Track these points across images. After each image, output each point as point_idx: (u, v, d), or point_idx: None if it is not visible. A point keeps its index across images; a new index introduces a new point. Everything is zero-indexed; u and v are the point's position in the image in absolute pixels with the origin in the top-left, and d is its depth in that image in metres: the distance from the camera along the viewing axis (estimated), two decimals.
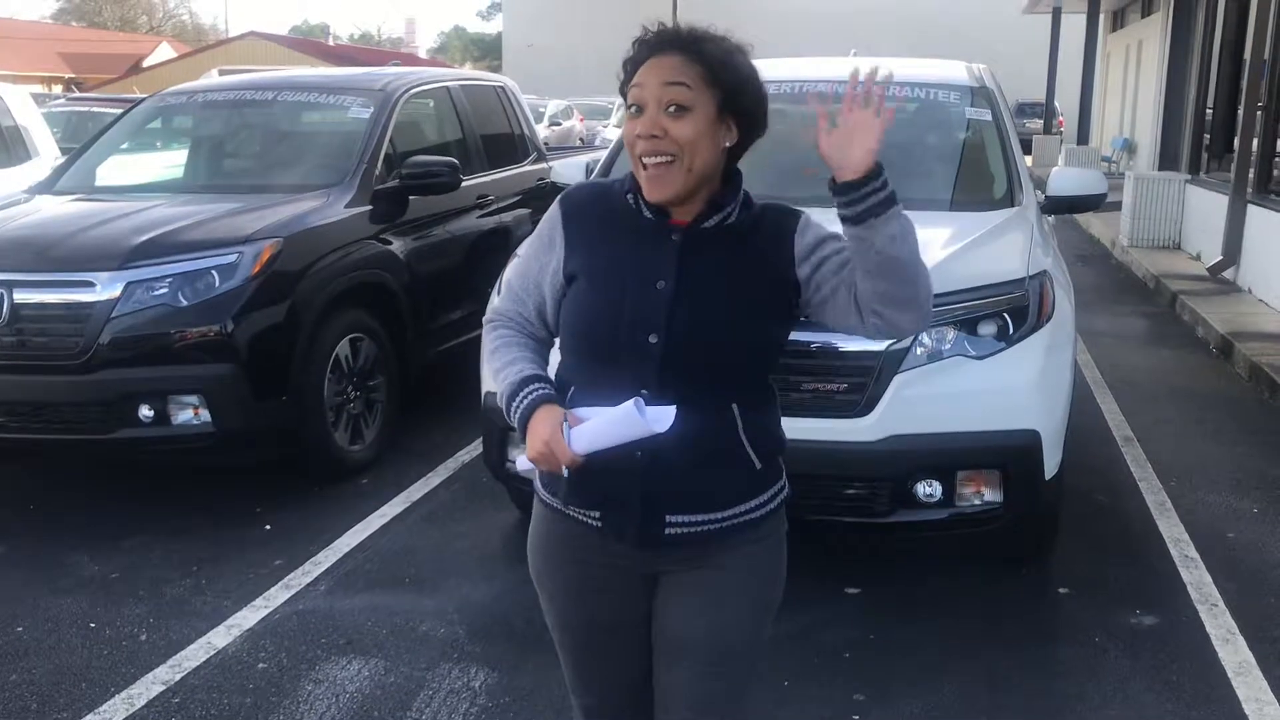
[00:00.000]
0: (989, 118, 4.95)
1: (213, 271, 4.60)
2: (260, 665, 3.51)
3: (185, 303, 4.53)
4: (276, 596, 3.97)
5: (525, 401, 1.87)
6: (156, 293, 4.52)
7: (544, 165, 7.01)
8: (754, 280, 1.87)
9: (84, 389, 4.46)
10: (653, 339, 1.83)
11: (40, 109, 13.22)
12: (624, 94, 1.87)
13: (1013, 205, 4.53)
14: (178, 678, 3.43)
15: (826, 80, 5.30)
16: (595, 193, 1.99)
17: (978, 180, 4.86)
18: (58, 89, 39.49)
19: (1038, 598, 4.00)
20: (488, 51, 62.83)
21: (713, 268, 1.86)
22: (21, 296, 4.49)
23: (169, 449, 4.64)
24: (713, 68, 1.80)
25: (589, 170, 5.15)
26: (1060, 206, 4.80)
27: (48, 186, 5.86)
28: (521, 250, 2.06)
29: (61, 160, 6.85)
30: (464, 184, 5.87)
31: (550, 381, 1.92)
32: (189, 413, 4.55)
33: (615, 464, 1.81)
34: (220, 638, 3.68)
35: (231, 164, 6.22)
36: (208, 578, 4.13)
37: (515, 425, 1.88)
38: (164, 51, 50.74)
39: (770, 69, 5.86)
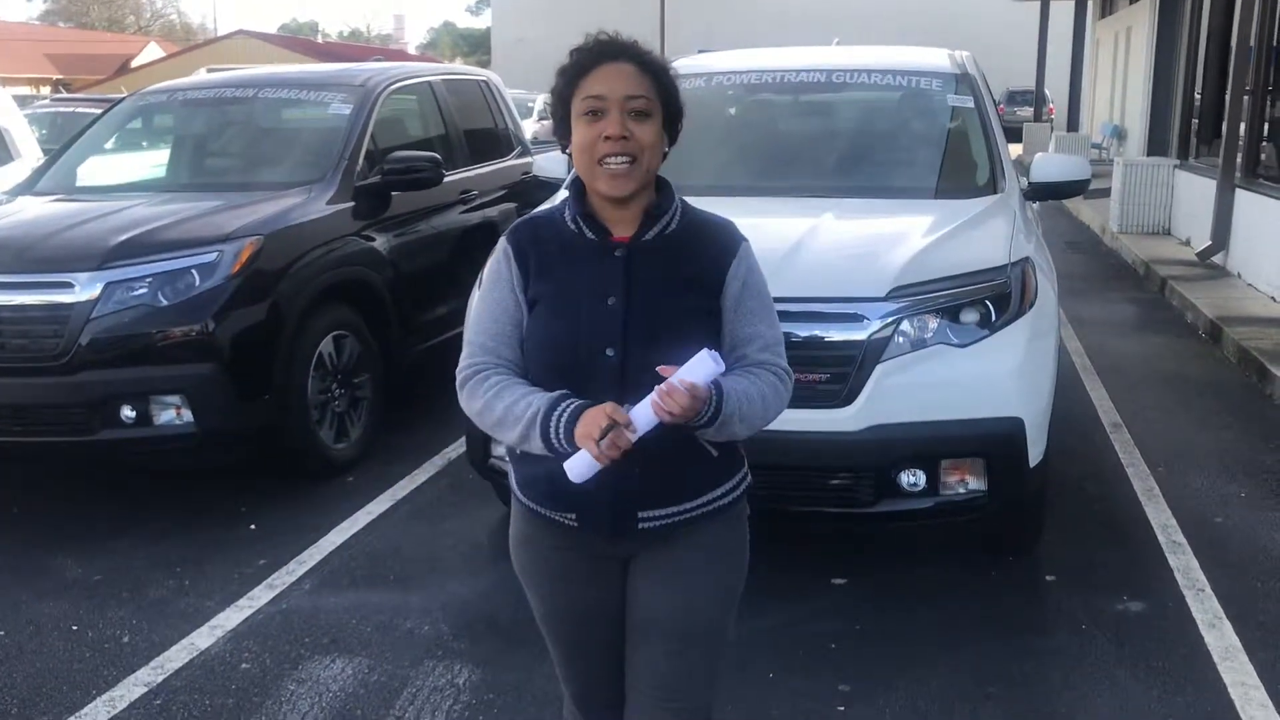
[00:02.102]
0: (971, 105, 4.93)
1: (193, 270, 4.57)
2: (243, 666, 3.49)
3: (166, 302, 4.51)
4: (260, 596, 3.95)
5: (566, 413, 1.85)
6: (136, 293, 4.49)
7: (528, 159, 6.98)
8: (697, 286, 1.97)
9: (65, 391, 4.43)
10: (610, 352, 1.92)
11: (25, 110, 13.18)
12: (563, 99, 1.94)
13: (995, 192, 4.51)
14: (160, 679, 3.41)
15: (809, 69, 5.30)
16: (538, 223, 2.06)
17: (960, 167, 4.84)
18: (45, 90, 39.36)
19: (1025, 585, 3.99)
20: (477, 46, 62.74)
21: (658, 278, 1.95)
22: (1, 298, 4.46)
23: (152, 450, 4.61)
24: (659, 79, 1.94)
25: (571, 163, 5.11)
26: (1043, 193, 4.78)
27: (28, 187, 5.83)
28: (476, 303, 2.12)
29: (43, 161, 6.81)
30: (447, 179, 5.85)
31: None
32: (171, 413, 4.52)
33: (584, 476, 1.86)
34: (203, 639, 3.66)
35: (212, 162, 6.19)
36: (191, 578, 4.10)
37: (558, 440, 1.85)
38: (152, 51, 50.56)
39: (754, 59, 5.88)
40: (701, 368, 1.79)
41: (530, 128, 21.34)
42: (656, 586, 2.05)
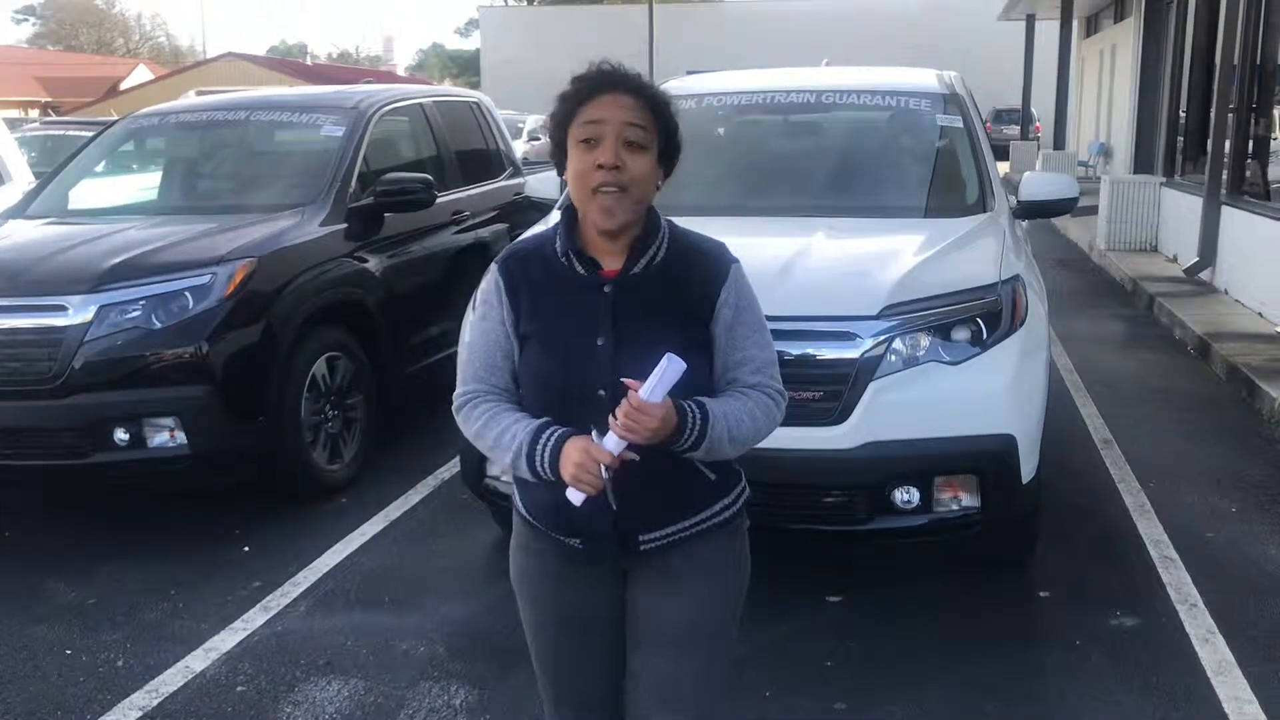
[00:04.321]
0: (960, 124, 4.98)
1: (186, 293, 4.57)
2: (239, 688, 3.48)
3: (159, 325, 4.51)
4: (255, 619, 3.94)
5: (550, 441, 1.91)
6: (130, 315, 4.50)
7: (520, 180, 7.01)
8: (683, 318, 1.97)
9: (58, 414, 4.43)
10: (601, 393, 1.92)
11: (15, 133, 13.16)
12: (561, 126, 1.95)
13: (985, 211, 4.55)
14: (155, 703, 3.40)
15: (799, 90, 5.34)
16: (529, 253, 2.06)
17: (949, 186, 4.88)
18: (35, 113, 39.33)
19: (1018, 601, 4.00)
20: (466, 68, 62.95)
21: (644, 315, 1.96)
22: None
23: (145, 472, 4.61)
24: (658, 112, 1.95)
25: (563, 185, 5.13)
26: (1032, 211, 4.82)
27: (20, 211, 5.83)
28: (468, 332, 2.14)
29: (34, 184, 6.80)
30: (439, 200, 5.86)
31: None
32: (165, 435, 4.52)
33: (591, 501, 1.89)
34: (198, 661, 3.65)
35: (205, 185, 6.20)
36: (185, 601, 4.09)
37: (544, 471, 1.91)
38: (141, 74, 50.56)
39: (744, 80, 5.91)
40: (664, 378, 1.80)
41: (520, 148, 21.41)
42: (655, 597, 2.08)
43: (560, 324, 1.98)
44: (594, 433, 1.87)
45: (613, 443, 1.83)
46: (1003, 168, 16.82)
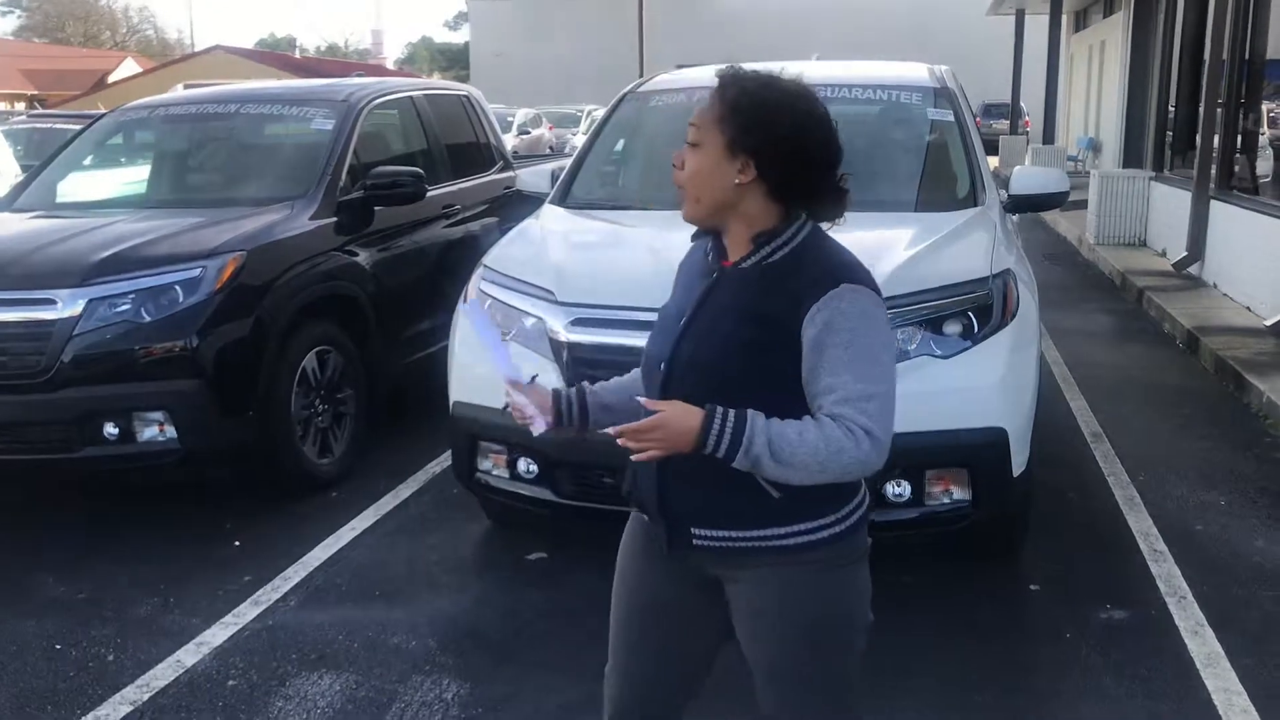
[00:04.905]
0: (951, 118, 4.98)
1: (176, 286, 4.56)
2: (230, 683, 3.47)
3: (149, 318, 4.49)
4: (246, 613, 3.93)
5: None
6: (119, 309, 4.48)
7: (510, 174, 7.00)
8: (764, 322, 1.91)
9: (47, 408, 4.41)
10: (661, 367, 1.99)
11: (1, 126, 13.10)
12: None
13: (975, 205, 4.56)
14: (146, 698, 3.39)
15: None
16: (699, 241, 2.10)
17: (940, 181, 4.88)
18: (21, 106, 39.13)
19: (1008, 595, 4.01)
20: (455, 61, 62.78)
21: (726, 306, 1.95)
22: None
23: (135, 467, 4.60)
24: (729, 108, 1.90)
25: (554, 178, 5.14)
26: (1023, 205, 4.83)
27: (7, 204, 5.80)
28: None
29: (22, 177, 6.77)
30: (429, 194, 5.85)
31: (575, 391, 2.19)
32: (154, 429, 4.51)
33: (640, 476, 2.01)
34: (189, 656, 3.64)
35: (194, 178, 6.18)
36: (176, 596, 4.08)
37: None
38: (129, 67, 50.33)
39: None
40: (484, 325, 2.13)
41: (510, 142, 21.38)
42: (738, 620, 2.06)
43: (676, 299, 2.07)
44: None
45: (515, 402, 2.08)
46: (992, 162, 16.80)
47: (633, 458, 1.87)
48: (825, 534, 1.97)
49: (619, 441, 1.84)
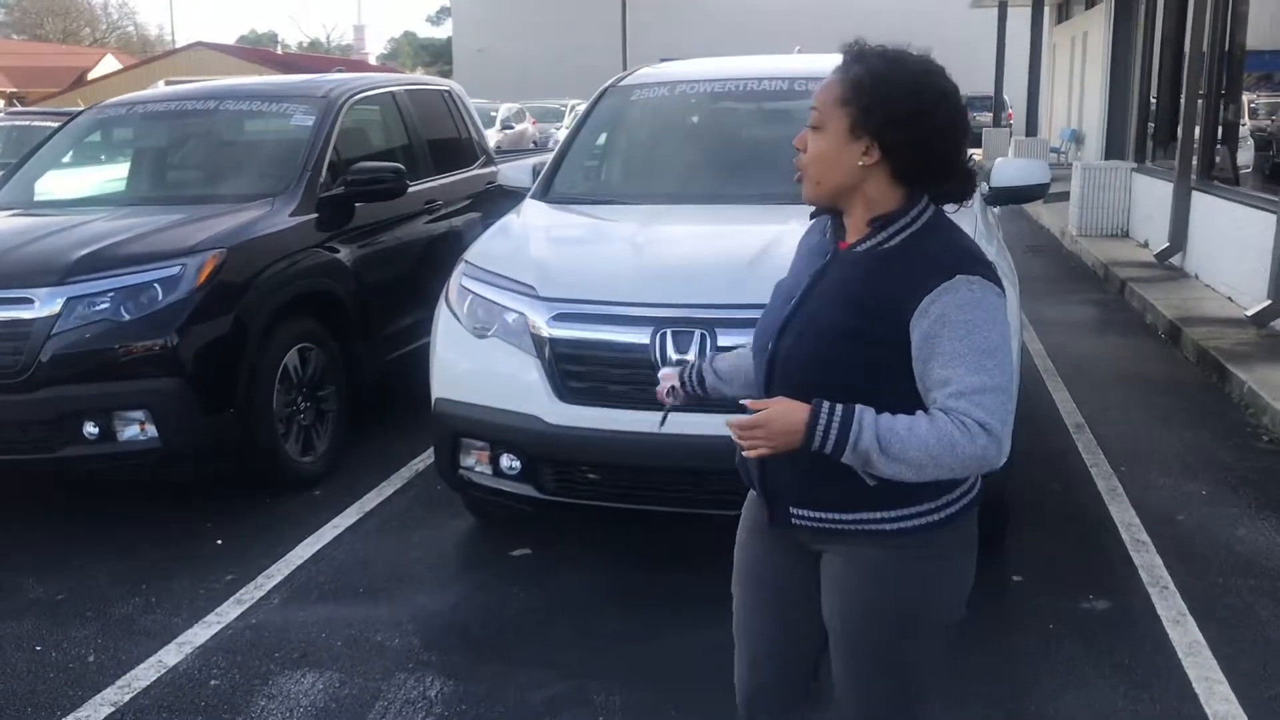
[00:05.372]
0: None
1: (156, 285, 4.53)
2: (213, 682, 3.45)
3: (128, 317, 4.46)
4: (228, 612, 3.91)
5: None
6: (98, 308, 4.45)
7: (493, 169, 6.97)
8: (873, 311, 1.86)
9: (26, 408, 4.38)
10: (769, 345, 1.98)
11: None
12: None
13: None
14: (127, 698, 3.37)
15: (772, 77, 5.32)
16: (819, 221, 2.09)
17: None
18: (1, 104, 38.80)
19: (991, 586, 4.00)
20: (438, 57, 62.58)
21: (836, 290, 1.92)
22: None
23: (116, 466, 4.57)
24: (851, 89, 1.85)
25: (535, 173, 5.12)
26: (1004, 197, 4.84)
27: None
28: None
29: None
30: (411, 189, 5.83)
31: (702, 368, 2.31)
32: (135, 428, 4.48)
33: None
34: (171, 656, 3.62)
35: (173, 175, 6.14)
36: (157, 595, 4.06)
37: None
38: (109, 64, 49.99)
39: (718, 67, 5.89)
40: None
41: (493, 137, 21.32)
42: (826, 592, 2.05)
43: (791, 278, 2.06)
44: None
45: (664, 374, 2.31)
46: (975, 154, 16.71)
47: (744, 454, 1.85)
48: (921, 521, 1.93)
49: (733, 435, 1.85)
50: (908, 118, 1.83)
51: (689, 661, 3.48)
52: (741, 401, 1.89)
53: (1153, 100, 12.80)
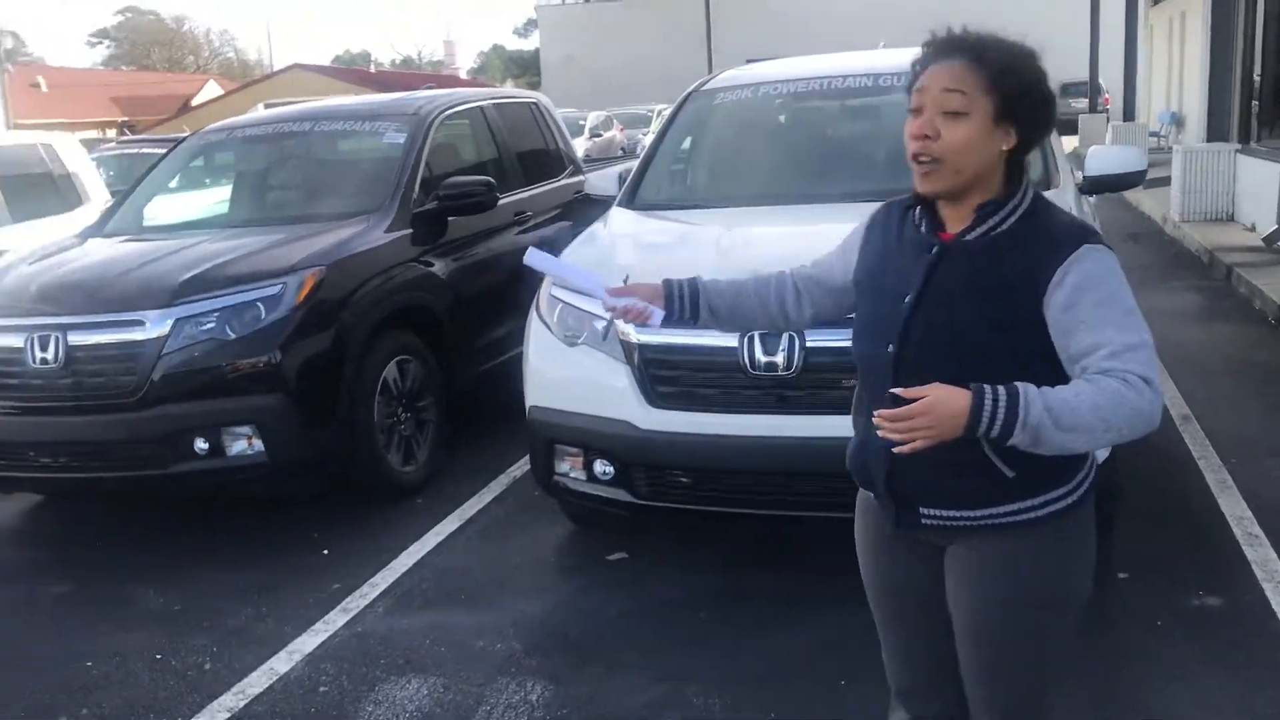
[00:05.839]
0: None
1: (259, 303, 4.68)
2: (322, 689, 3.56)
3: (233, 335, 4.62)
4: (335, 620, 4.02)
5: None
6: (205, 327, 4.61)
7: (580, 178, 7.04)
8: (1004, 295, 1.86)
9: (140, 426, 4.56)
10: (890, 348, 1.93)
11: (92, 153, 13.56)
12: (908, 93, 1.94)
13: (1048, 189, 4.46)
14: (242, 705, 3.49)
15: (856, 74, 5.28)
16: (895, 209, 2.09)
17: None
18: (112, 133, 40.36)
19: (1097, 583, 3.89)
20: (526, 68, 63.26)
21: (959, 281, 1.90)
22: (75, 339, 4.61)
23: (225, 480, 4.73)
24: (994, 74, 1.86)
25: (621, 180, 5.17)
26: (1099, 186, 4.73)
27: (98, 229, 5.99)
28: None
29: (110, 203, 7.00)
30: (501, 202, 5.92)
31: (689, 282, 2.27)
32: (243, 443, 4.63)
33: (868, 452, 1.99)
34: (282, 663, 3.73)
35: (273, 196, 6.33)
36: (268, 605, 4.19)
37: None
38: (212, 89, 51.69)
39: (801, 66, 5.86)
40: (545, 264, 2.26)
41: (582, 145, 21.50)
42: (954, 584, 2.03)
43: (884, 277, 2.00)
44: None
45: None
46: (1072, 142, 16.27)
47: (897, 450, 1.78)
48: (1055, 508, 1.94)
49: (879, 433, 1.79)
50: (1038, 104, 1.90)
51: (786, 663, 3.48)
52: (892, 391, 1.81)
53: (1257, 79, 12.36)
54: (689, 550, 4.37)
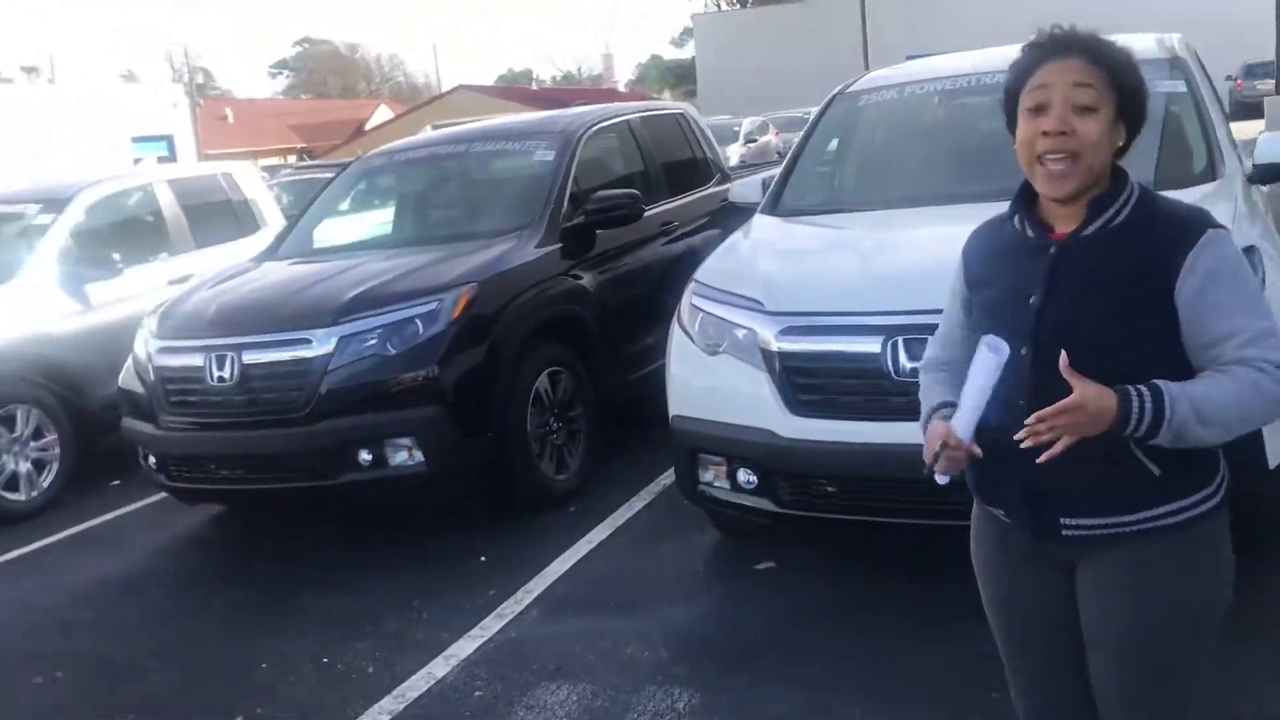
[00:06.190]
0: (1184, 89, 4.67)
1: (416, 320, 4.87)
2: (476, 694, 3.67)
3: (393, 351, 4.82)
4: (491, 626, 4.14)
5: (929, 422, 2.05)
6: (367, 344, 4.83)
7: (728, 186, 7.05)
8: (1133, 286, 1.85)
9: (309, 439, 4.80)
10: (1024, 351, 1.89)
11: (273, 179, 14.32)
12: (1011, 95, 1.94)
13: (1214, 179, 4.26)
14: (401, 708, 3.63)
15: (1004, 70, 5.13)
16: (987, 230, 2.10)
17: (1175, 156, 4.57)
18: (292, 159, 42.51)
19: (1269, 594, 3.72)
20: (683, 78, 63.62)
21: (1085, 277, 1.88)
22: (249, 357, 4.89)
23: (387, 490, 4.94)
24: (1115, 71, 1.87)
25: (765, 187, 5.16)
26: (1270, 175, 4.47)
27: (271, 253, 6.34)
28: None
29: (284, 227, 7.38)
30: (647, 213, 6.00)
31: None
32: (404, 454, 4.82)
33: (999, 464, 1.92)
34: (439, 668, 3.87)
35: (431, 216, 6.58)
36: (428, 611, 4.34)
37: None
38: (383, 113, 53.83)
39: (954, 62, 5.74)
40: (981, 369, 1.83)
41: (737, 151, 21.49)
42: (1095, 600, 1.97)
43: (1001, 287, 1.98)
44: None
45: (965, 416, 1.88)
46: (1257, 126, 15.38)
47: (1046, 455, 1.77)
48: (1201, 509, 1.91)
49: (1018, 438, 1.78)
50: (1143, 105, 1.91)
51: (930, 679, 3.42)
52: (1062, 368, 1.76)
53: None
54: (837, 559, 4.33)
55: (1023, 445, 1.80)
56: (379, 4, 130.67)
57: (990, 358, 1.84)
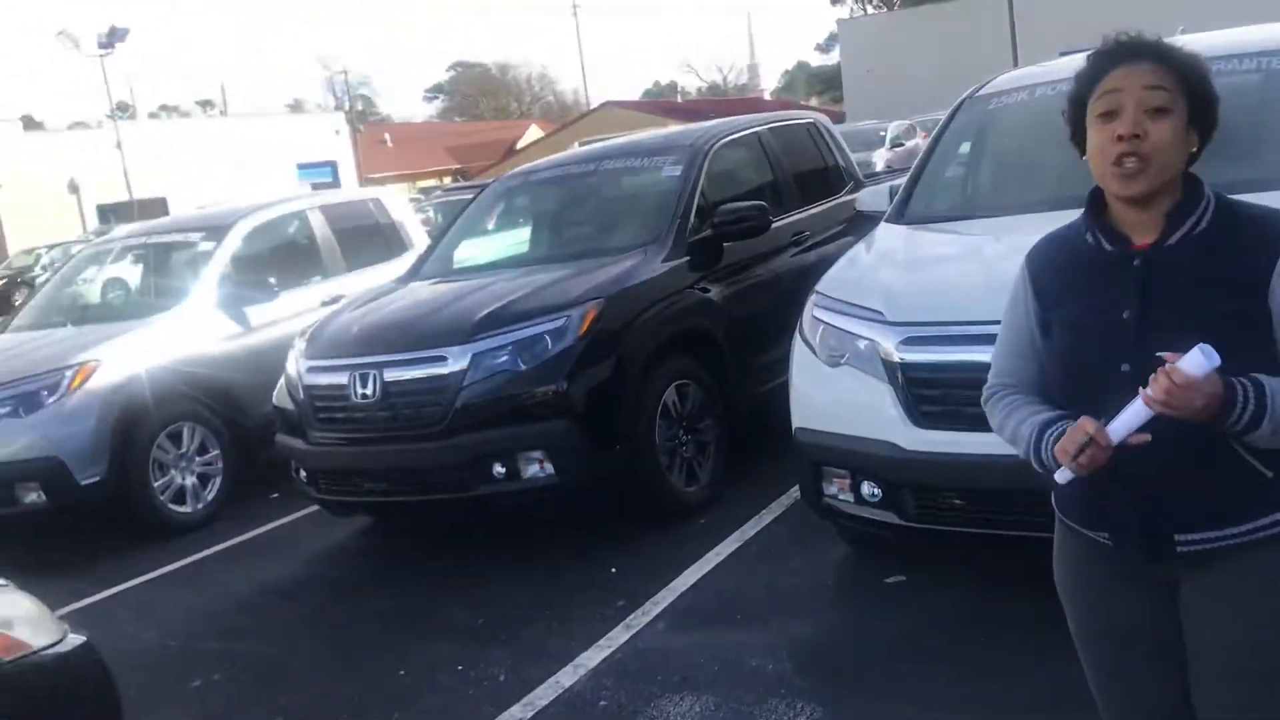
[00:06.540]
0: None
1: (546, 336, 4.99)
2: (602, 703, 3.73)
3: (524, 367, 4.95)
4: (618, 636, 4.20)
5: (1055, 430, 1.92)
6: (499, 360, 4.97)
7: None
8: (1226, 290, 1.84)
9: (446, 453, 4.97)
10: (1125, 368, 1.86)
11: (428, 200, 14.83)
12: (1079, 103, 1.93)
13: None
14: (529, 715, 3.73)
15: None
16: (1055, 243, 2.06)
17: None
18: (447, 180, 43.87)
19: None
20: (829, 84, 62.98)
21: (1179, 287, 1.86)
22: (390, 375, 5.10)
23: (521, 501, 5.07)
24: (1187, 77, 1.87)
25: (892, 194, 5.10)
26: None
27: (414, 273, 6.58)
28: (1003, 318, 2.16)
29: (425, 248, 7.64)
30: (776, 224, 5.99)
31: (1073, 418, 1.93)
32: (536, 467, 4.94)
33: (1108, 485, 1.87)
34: (567, 677, 3.95)
35: (563, 234, 6.72)
36: (559, 620, 4.44)
37: (1047, 459, 1.93)
38: (534, 133, 54.99)
39: (1076, 64, 5.53)
40: (1191, 363, 1.74)
41: (882, 156, 21.18)
42: (1206, 618, 1.92)
43: (1085, 303, 1.94)
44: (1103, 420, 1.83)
45: (1120, 425, 1.80)
46: None
47: (1137, 438, 1.77)
48: None
49: (1160, 387, 1.74)
50: (1214, 110, 1.90)
51: (1055, 699, 3.30)
52: (1160, 354, 1.77)
53: None
54: (968, 574, 4.24)
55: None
56: (531, 27, 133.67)
57: (1203, 363, 1.75)
